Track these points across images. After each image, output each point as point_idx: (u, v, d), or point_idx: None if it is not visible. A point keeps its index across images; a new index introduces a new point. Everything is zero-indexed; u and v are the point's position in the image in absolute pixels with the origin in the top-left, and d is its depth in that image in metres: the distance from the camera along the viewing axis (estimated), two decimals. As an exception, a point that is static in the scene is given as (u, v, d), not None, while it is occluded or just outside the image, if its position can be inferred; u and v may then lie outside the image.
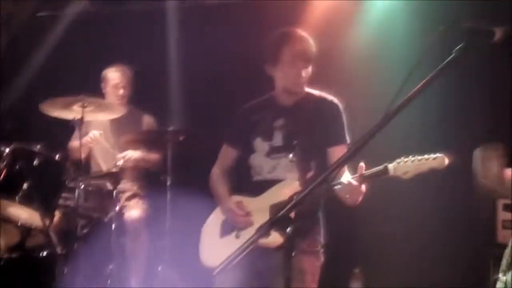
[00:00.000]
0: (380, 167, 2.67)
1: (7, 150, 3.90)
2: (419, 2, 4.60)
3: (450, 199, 4.43)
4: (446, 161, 2.55)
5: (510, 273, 2.31)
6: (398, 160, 2.62)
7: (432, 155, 2.57)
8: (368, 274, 4.51)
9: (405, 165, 2.59)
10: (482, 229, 4.26)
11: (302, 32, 3.16)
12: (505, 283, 2.32)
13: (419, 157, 2.59)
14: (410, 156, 2.61)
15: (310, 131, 3.05)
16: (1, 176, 3.87)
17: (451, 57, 1.88)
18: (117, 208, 4.29)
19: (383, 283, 4.48)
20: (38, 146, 4.08)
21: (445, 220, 4.43)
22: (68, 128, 4.53)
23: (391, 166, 2.63)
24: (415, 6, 4.62)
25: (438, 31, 1.89)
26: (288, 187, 2.94)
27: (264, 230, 1.76)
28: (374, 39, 4.70)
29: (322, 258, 3.10)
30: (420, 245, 4.50)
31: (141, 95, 4.99)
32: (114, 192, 4.28)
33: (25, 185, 3.96)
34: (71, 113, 4.26)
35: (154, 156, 4.75)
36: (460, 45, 1.88)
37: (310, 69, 3.11)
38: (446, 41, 1.90)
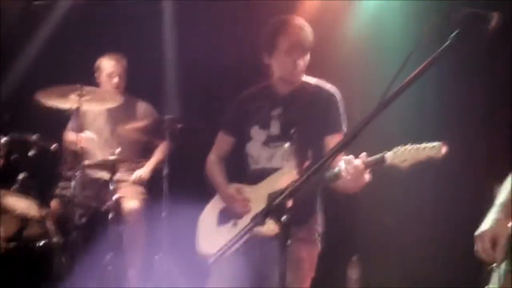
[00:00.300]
0: (378, 156, 2.64)
1: (3, 140, 3.91)
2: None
3: (449, 189, 4.42)
4: (444, 149, 2.54)
5: (503, 264, 2.33)
6: (395, 149, 2.61)
7: (430, 144, 2.56)
8: (366, 262, 4.51)
9: (403, 154, 2.57)
10: (481, 220, 4.26)
11: (299, 20, 3.12)
12: (499, 272, 2.34)
13: (417, 146, 2.58)
14: (408, 145, 2.60)
15: (307, 120, 3.04)
16: (-2, 167, 3.90)
17: (446, 43, 1.87)
18: (115, 197, 4.28)
19: (381, 271, 4.49)
20: (34, 137, 4.09)
21: (444, 209, 4.43)
22: (63, 118, 4.52)
23: (388, 155, 2.61)
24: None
25: (432, 20, 1.89)
26: (286, 176, 2.94)
27: (260, 219, 1.76)
28: (369, 29, 4.68)
29: (319, 246, 3.11)
30: (418, 234, 4.50)
31: (137, 84, 4.97)
32: (111, 181, 4.28)
33: (21, 175, 3.98)
34: (68, 102, 4.25)
35: (161, 155, 4.73)
36: (455, 31, 1.87)
37: (307, 58, 3.09)
38: (441, 30, 1.90)
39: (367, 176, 2.70)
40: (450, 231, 4.37)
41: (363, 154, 2.68)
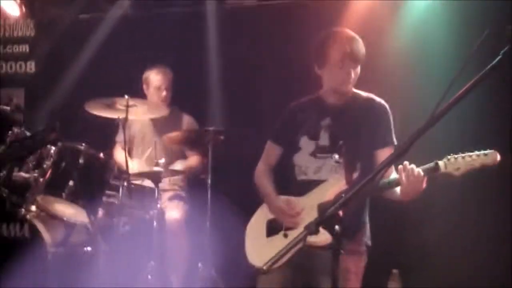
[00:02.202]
0: (431, 164, 2.62)
1: (54, 149, 4.03)
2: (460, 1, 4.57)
3: (497, 203, 4.36)
4: (498, 157, 2.50)
5: None
6: (448, 157, 2.58)
7: (483, 151, 2.53)
8: (406, 276, 4.48)
9: (456, 162, 2.53)
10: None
11: (350, 32, 3.12)
12: None
13: (470, 153, 2.55)
14: (460, 153, 2.58)
15: (357, 132, 3.04)
16: (48, 174, 4.01)
17: (496, 60, 1.87)
18: (158, 206, 4.36)
19: (421, 286, 4.45)
20: (83, 145, 4.20)
21: (490, 225, 4.36)
22: (111, 127, 4.63)
23: (441, 162, 2.59)
24: (455, 5, 4.58)
25: (483, 35, 1.90)
26: (335, 187, 2.94)
27: (313, 228, 1.78)
28: (415, 38, 4.66)
29: (366, 259, 3.10)
30: (460, 248, 4.46)
31: (182, 96, 5.05)
32: (156, 190, 4.36)
33: (70, 183, 4.09)
34: (115, 112, 4.34)
35: (194, 162, 4.83)
36: (506, 48, 1.87)
37: (358, 69, 3.09)
38: (491, 44, 1.91)
39: (424, 184, 2.68)
40: (496, 244, 4.31)
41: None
